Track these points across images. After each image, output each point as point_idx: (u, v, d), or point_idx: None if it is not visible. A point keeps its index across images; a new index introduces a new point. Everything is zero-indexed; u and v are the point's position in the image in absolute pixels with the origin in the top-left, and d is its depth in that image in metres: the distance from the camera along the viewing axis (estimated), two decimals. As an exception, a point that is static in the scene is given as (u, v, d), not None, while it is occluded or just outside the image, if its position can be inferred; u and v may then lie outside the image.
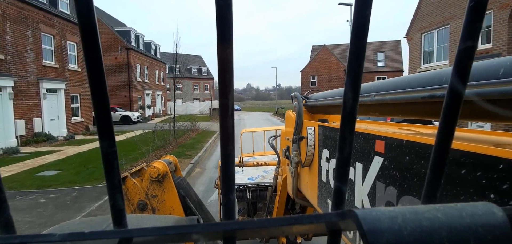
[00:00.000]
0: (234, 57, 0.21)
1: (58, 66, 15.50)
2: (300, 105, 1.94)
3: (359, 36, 0.21)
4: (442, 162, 0.23)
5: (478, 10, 0.21)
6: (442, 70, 0.78)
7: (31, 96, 13.51)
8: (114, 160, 0.22)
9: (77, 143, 13.82)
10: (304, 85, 36.75)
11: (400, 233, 0.17)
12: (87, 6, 0.19)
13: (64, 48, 16.16)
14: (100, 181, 7.34)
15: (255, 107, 70.10)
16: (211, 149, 12.85)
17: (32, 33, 13.60)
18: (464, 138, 0.89)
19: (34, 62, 13.76)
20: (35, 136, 13.35)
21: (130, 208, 2.28)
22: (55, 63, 15.36)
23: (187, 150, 11.10)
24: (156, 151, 10.02)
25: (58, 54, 15.60)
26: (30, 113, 13.37)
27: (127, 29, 29.27)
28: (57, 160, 9.83)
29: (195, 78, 56.92)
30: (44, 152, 11.18)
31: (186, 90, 54.48)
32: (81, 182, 7.25)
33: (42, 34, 14.38)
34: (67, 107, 16.16)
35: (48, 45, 14.99)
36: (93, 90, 0.21)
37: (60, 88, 15.52)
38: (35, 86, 13.75)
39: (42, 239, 0.19)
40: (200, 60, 60.63)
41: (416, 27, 15.55)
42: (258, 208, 3.50)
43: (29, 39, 13.42)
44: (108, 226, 0.96)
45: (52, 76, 14.99)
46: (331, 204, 0.38)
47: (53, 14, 15.14)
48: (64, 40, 16.18)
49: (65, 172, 8.30)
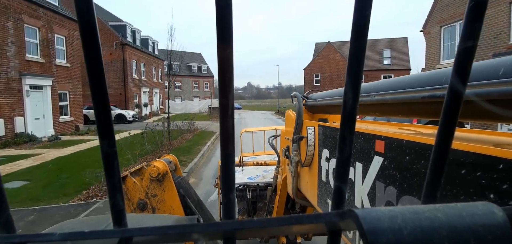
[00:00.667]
0: (234, 56, 0.21)
1: (44, 61, 14.23)
2: (300, 105, 1.94)
3: (359, 36, 0.21)
4: (442, 162, 0.23)
5: (478, 9, 0.21)
6: (442, 70, 0.78)
7: (12, 94, 12.38)
8: (114, 160, 0.22)
9: (61, 144, 12.51)
10: (308, 84, 35.59)
11: (400, 233, 0.17)
12: (87, 5, 0.19)
13: (51, 42, 14.82)
14: (70, 197, 6.02)
15: (255, 106, 68.62)
16: (209, 153, 11.41)
17: (13, 24, 12.36)
18: (464, 138, 0.89)
19: (16, 56, 12.54)
20: (16, 137, 12.28)
21: (130, 208, 2.28)
22: (40, 57, 14.03)
23: (182, 155, 9.68)
24: (145, 156, 8.94)
25: (44, 48, 14.27)
26: (10, 112, 12.28)
27: (123, 23, 27.95)
28: (30, 167, 8.52)
29: (194, 76, 55.67)
30: (19, 156, 9.93)
31: (185, 89, 53.64)
32: (46, 199, 5.90)
33: (26, 26, 13.11)
34: (54, 106, 14.90)
35: (33, 38, 13.68)
36: (93, 90, 0.21)
37: (46, 84, 14.22)
38: (17, 82, 12.62)
39: (42, 239, 0.19)
40: (200, 58, 59.26)
41: (435, 19, 14.33)
42: (258, 207, 3.50)
43: (10, 31, 12.20)
44: (108, 225, 0.97)
45: (37, 72, 13.73)
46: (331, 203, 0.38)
47: (38, 4, 13.79)
48: (51, 33, 14.81)
49: (33, 183, 6.99)
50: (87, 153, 10.62)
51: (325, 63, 35.73)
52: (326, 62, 35.68)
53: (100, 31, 0.20)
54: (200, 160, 9.73)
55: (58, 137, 13.91)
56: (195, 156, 9.74)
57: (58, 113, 15.38)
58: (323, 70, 35.68)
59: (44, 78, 14.11)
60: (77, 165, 8.62)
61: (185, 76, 53.11)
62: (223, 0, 0.20)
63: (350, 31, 0.21)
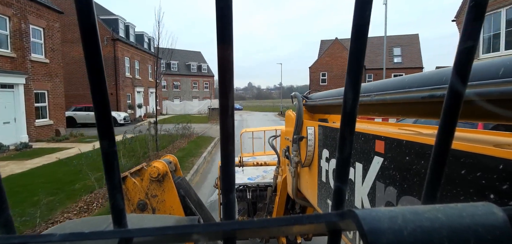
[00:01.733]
0: (234, 56, 0.21)
1: (15, 55, 12.11)
2: (300, 105, 1.94)
3: (359, 36, 0.21)
4: (442, 162, 0.23)
5: (478, 9, 0.21)
6: (442, 70, 0.78)
7: (-28, 94, 10.16)
8: (114, 160, 0.22)
9: (28, 155, 10.23)
10: (314, 83, 33.28)
11: (400, 233, 0.17)
12: (87, 5, 0.19)
13: (25, 34, 12.62)
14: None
15: (257, 107, 66.69)
16: (206, 166, 8.88)
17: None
18: (464, 138, 0.89)
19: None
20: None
21: (130, 208, 2.28)
22: (11, 51, 11.93)
23: (171, 171, 7.27)
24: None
25: (15, 41, 12.11)
26: (-31, 115, 9.95)
27: (114, 17, 25.67)
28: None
29: (194, 76, 52.48)
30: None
31: (184, 89, 50.85)
32: None
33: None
34: (28, 108, 12.72)
35: (1, 29, 11.67)
36: (93, 90, 0.21)
37: (17, 83, 12.03)
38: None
39: (42, 239, 0.19)
40: (200, 57, 56.68)
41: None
42: (258, 208, 3.50)
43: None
44: (108, 226, 0.97)
45: (6, 68, 11.65)
46: (331, 204, 0.38)
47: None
48: (25, 23, 12.65)
49: None
50: (51, 169, 8.24)
51: (332, 61, 33.56)
52: (333, 60, 33.53)
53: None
54: (193, 178, 7.35)
55: (28, 145, 11.64)
56: (188, 172, 7.52)
57: (33, 116, 13.15)
58: (330, 69, 33.55)
59: (15, 75, 11.89)
60: (25, 190, 6.21)
61: (184, 75, 50.98)
62: (223, 0, 0.20)
63: (350, 31, 0.21)
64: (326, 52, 33.82)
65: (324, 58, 33.69)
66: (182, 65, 51.28)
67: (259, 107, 65.24)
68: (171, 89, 48.59)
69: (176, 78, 49.41)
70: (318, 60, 34.24)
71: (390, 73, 30.39)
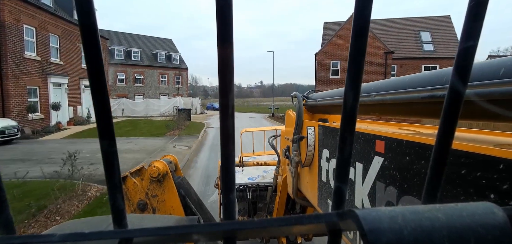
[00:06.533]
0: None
1: None
2: (300, 105, 1.94)
3: (359, 36, 0.21)
4: (442, 162, 0.23)
5: (478, 9, 0.21)
6: (442, 70, 0.78)
7: None
8: (114, 160, 0.22)
9: None
10: (322, 75, 23.47)
11: (401, 233, 0.17)
12: (87, 5, 0.19)
13: None
14: None
15: (240, 107, 56.81)
16: None
17: None
18: (464, 138, 0.89)
19: None
20: None
21: (130, 208, 2.28)
22: None
23: None
24: None
25: None
26: None
27: None
28: None
29: (162, 67, 40.04)
30: None
31: (149, 83, 38.74)
32: None
33: None
34: None
35: None
36: (93, 89, 0.21)
37: None
38: None
39: (42, 240, 0.19)
40: (170, 45, 44.48)
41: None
42: (258, 208, 3.50)
43: None
44: (108, 226, 0.97)
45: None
46: (331, 204, 0.38)
47: None
48: None
49: None
50: None
51: (347, 45, 22.67)
52: (348, 44, 25.01)
53: None
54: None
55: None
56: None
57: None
58: (344, 56, 22.83)
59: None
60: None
61: (149, 67, 38.67)
62: (223, 0, 0.20)
63: (351, 31, 0.21)
64: (337, 34, 23.51)
65: (336, 42, 23.27)
66: (147, 54, 39.78)
67: (243, 107, 56.87)
68: (131, 84, 37.27)
69: (138, 70, 37.86)
70: (327, 45, 23.85)
71: (419, 64, 22.88)
